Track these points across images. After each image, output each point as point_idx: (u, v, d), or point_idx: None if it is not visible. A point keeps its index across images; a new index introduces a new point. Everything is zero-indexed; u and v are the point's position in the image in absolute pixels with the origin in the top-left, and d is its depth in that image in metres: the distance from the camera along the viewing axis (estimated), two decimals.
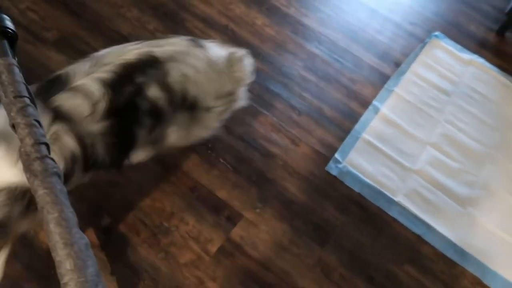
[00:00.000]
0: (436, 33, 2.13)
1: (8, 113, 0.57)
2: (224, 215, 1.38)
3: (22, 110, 0.56)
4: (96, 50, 1.62)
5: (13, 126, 0.56)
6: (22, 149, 0.53)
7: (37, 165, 0.51)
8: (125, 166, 1.14)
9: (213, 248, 1.31)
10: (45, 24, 1.67)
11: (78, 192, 1.33)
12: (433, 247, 1.43)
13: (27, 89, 0.60)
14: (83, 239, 0.46)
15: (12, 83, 0.59)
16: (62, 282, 0.43)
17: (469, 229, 1.48)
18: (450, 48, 2.07)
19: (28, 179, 0.51)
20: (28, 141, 0.53)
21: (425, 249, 1.43)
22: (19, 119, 0.55)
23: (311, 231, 1.40)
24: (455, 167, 1.63)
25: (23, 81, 0.61)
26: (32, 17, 1.67)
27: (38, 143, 0.53)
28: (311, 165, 1.55)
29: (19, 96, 0.58)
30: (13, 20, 0.70)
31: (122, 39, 1.72)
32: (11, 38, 0.68)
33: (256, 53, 1.83)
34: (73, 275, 0.43)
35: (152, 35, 1.76)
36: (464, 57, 2.04)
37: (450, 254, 1.41)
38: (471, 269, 1.39)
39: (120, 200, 1.34)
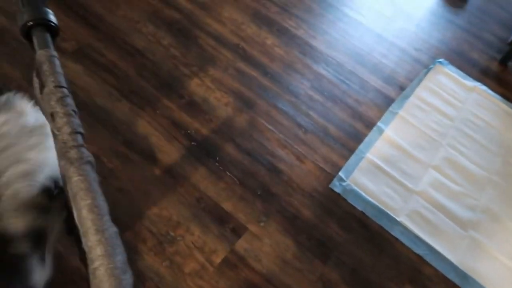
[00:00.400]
0: (440, 59, 2.19)
1: (48, 102, 0.58)
2: (229, 227, 1.40)
3: (61, 100, 0.58)
4: (112, 61, 1.70)
5: (52, 115, 0.57)
6: (60, 137, 0.54)
7: (73, 153, 0.52)
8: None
9: (217, 259, 1.33)
10: (64, 35, 1.73)
11: None
12: (434, 268, 1.44)
13: (66, 80, 0.62)
14: (113, 227, 0.48)
15: (53, 73, 0.61)
16: (92, 267, 0.44)
17: (470, 252, 1.49)
18: (454, 74, 2.13)
19: (63, 166, 0.52)
20: (66, 129, 0.55)
21: (426, 270, 1.44)
22: (58, 108, 0.57)
23: (314, 246, 1.42)
24: (456, 190, 1.65)
25: (62, 73, 0.62)
26: None
27: (75, 132, 0.55)
28: (315, 182, 1.58)
29: (59, 86, 0.59)
30: None
31: (136, 52, 1.78)
32: (53, 32, 0.69)
33: (265, 72, 1.89)
34: (103, 261, 0.44)
35: (166, 50, 1.82)
36: (467, 84, 2.09)
37: (451, 276, 1.42)
38: None
39: (128, 208, 1.37)
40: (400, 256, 1.46)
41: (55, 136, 0.57)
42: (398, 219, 1.52)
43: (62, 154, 0.53)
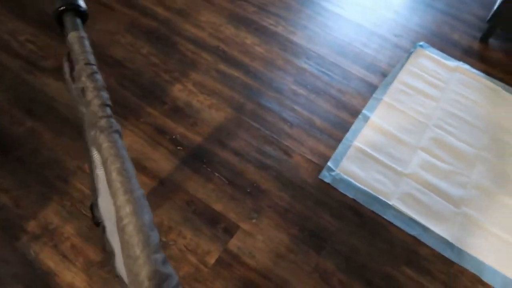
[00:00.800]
0: (421, 43, 2.20)
1: (79, 79, 0.63)
2: (221, 227, 1.40)
3: (91, 76, 0.63)
4: None
5: (82, 90, 0.62)
6: (90, 109, 0.59)
7: (103, 122, 0.57)
8: None
9: (211, 260, 1.32)
10: (43, 53, 1.74)
11: (76, 209, 1.36)
12: (430, 248, 1.44)
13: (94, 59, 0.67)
14: (140, 189, 0.50)
15: (83, 52, 0.66)
16: (121, 224, 0.47)
17: (464, 228, 1.49)
18: (435, 56, 2.13)
19: (94, 135, 0.56)
20: (96, 101, 0.59)
21: (422, 250, 1.43)
22: (88, 83, 0.61)
23: (307, 238, 1.42)
24: (446, 169, 1.65)
25: (92, 52, 0.67)
26: (31, 48, 1.75)
27: (105, 104, 0.59)
28: (305, 174, 1.58)
29: (89, 64, 0.64)
30: (14, 52, 0.77)
31: (116, 63, 1.79)
32: (83, 16, 0.76)
33: (247, 71, 1.90)
34: (132, 218, 0.46)
35: (145, 58, 1.83)
36: (449, 64, 2.10)
37: (447, 253, 1.42)
38: (469, 267, 1.39)
39: None
40: (394, 239, 1.45)
41: (84, 111, 0.61)
42: (390, 203, 1.51)
43: (92, 124, 0.57)
